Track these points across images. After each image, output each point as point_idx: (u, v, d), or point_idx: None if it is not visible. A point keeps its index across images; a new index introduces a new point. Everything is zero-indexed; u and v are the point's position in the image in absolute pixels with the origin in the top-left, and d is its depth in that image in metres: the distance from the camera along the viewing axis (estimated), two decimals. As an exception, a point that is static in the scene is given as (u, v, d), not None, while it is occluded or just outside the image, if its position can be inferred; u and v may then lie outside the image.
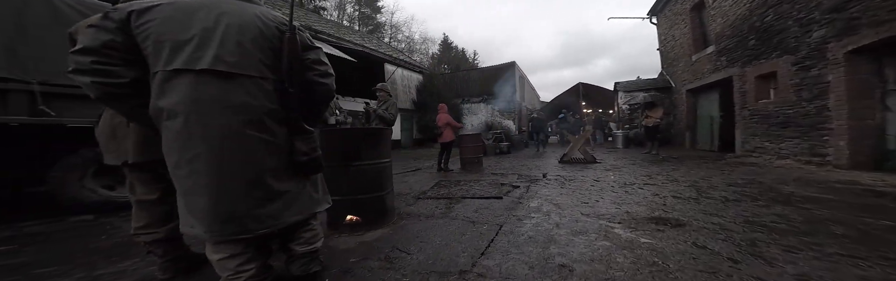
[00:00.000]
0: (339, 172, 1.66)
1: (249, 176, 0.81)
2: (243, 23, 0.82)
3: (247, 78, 0.81)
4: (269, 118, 0.85)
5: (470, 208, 2.23)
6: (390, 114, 2.83)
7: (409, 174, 4.45)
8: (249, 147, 0.81)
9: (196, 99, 0.76)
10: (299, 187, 0.93)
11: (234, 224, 0.80)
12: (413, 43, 26.86)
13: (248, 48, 0.82)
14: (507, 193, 2.76)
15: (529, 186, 3.13)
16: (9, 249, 1.51)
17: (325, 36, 8.07)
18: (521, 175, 3.96)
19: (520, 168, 4.80)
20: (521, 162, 5.79)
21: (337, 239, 1.58)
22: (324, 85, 0.94)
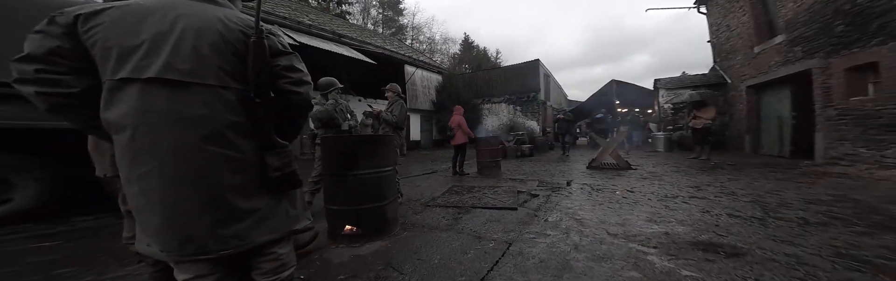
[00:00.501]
0: (337, 181, 1.63)
1: (207, 195, 0.74)
2: (202, 26, 0.74)
3: (204, 87, 0.74)
4: (231, 131, 0.77)
5: (479, 220, 2.08)
6: (395, 116, 2.75)
7: (423, 177, 4.40)
8: (207, 163, 0.74)
9: (144, 111, 0.70)
10: (272, 205, 0.85)
11: (193, 244, 0.74)
12: (434, 43, 27.17)
13: (206, 54, 0.74)
14: (524, 204, 2.55)
15: (550, 195, 2.88)
16: (53, 245, 1.70)
17: (349, 40, 8.39)
18: (543, 182, 3.69)
19: (541, 173, 4.50)
20: (543, 166, 5.45)
21: (333, 250, 1.54)
22: (298, 94, 0.86)
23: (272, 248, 0.89)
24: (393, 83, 2.90)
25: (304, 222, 0.97)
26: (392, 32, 22.58)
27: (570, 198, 2.78)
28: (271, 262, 0.89)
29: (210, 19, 0.76)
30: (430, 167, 5.65)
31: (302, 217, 0.97)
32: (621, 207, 2.38)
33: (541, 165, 5.62)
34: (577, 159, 6.64)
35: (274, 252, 0.89)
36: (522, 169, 5.15)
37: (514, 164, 6.00)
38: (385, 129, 2.72)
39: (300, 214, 0.96)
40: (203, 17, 0.76)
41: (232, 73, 0.77)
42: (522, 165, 5.70)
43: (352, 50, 7.92)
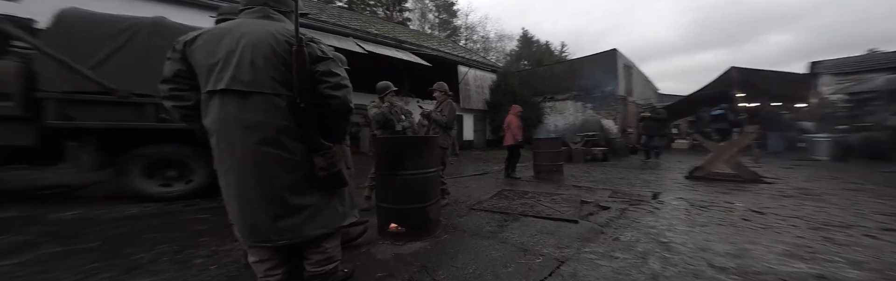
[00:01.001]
0: (385, 180, 1.73)
1: (266, 192, 0.87)
2: (257, 41, 0.87)
3: (261, 95, 0.86)
4: (282, 135, 0.89)
5: (528, 230, 1.87)
6: (444, 116, 2.77)
7: (473, 178, 4.33)
8: (265, 164, 0.87)
9: (222, 118, 0.86)
10: (323, 201, 0.97)
11: (259, 234, 0.89)
12: (488, 41, 26.85)
13: (261, 66, 0.86)
14: (588, 216, 2.18)
15: (626, 209, 2.38)
16: (205, 218, 2.37)
17: (408, 45, 9.12)
18: (618, 192, 3.10)
19: (617, 182, 3.79)
20: (620, 174, 4.60)
21: (380, 245, 1.62)
22: (335, 97, 0.92)
23: (321, 242, 0.99)
24: (440, 82, 2.93)
25: (350, 219, 1.07)
26: (447, 34, 23.40)
27: (654, 214, 2.23)
28: (318, 254, 1.00)
29: (263, 35, 0.88)
30: (482, 168, 5.52)
31: (349, 214, 1.07)
32: (739, 233, 1.76)
33: (617, 172, 4.76)
34: (671, 167, 5.36)
35: (322, 246, 0.99)
36: (592, 175, 4.48)
37: (581, 169, 5.28)
38: (435, 130, 2.77)
39: (348, 211, 1.07)
40: (258, 33, 0.88)
41: (282, 81, 0.89)
42: (592, 171, 4.96)
43: (410, 54, 8.55)
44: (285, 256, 0.98)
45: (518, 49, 30.88)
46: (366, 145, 8.02)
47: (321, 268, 1.01)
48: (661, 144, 6.75)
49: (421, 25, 21.79)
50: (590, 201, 2.66)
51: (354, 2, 18.11)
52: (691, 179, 3.90)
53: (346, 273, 1.17)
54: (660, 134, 6.65)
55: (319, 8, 9.97)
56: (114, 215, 2.23)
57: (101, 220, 2.12)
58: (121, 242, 1.67)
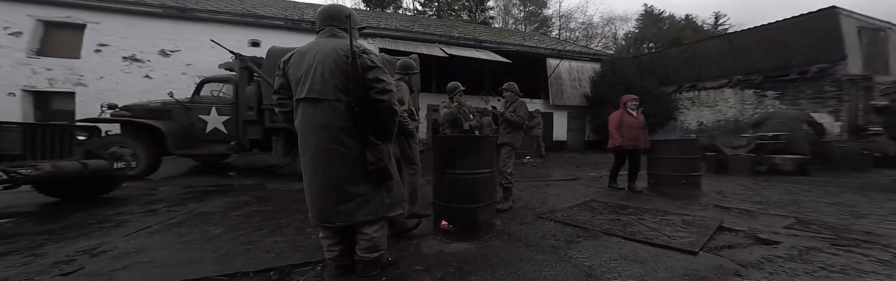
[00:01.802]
0: (438, 177, 1.79)
1: (331, 180, 1.08)
2: (325, 57, 1.07)
3: (327, 102, 1.06)
4: (343, 134, 1.08)
5: (607, 253, 1.45)
6: (518, 116, 2.60)
7: (557, 183, 3.79)
8: (331, 158, 1.07)
9: (304, 121, 1.09)
10: (372, 192, 1.13)
11: (324, 215, 1.11)
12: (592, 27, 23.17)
13: (327, 77, 1.06)
14: (722, 250, 1.46)
15: (813, 249, 1.44)
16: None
17: (488, 43, 9.23)
18: (808, 223, 1.93)
19: (815, 208, 2.38)
20: (832, 197, 2.86)
21: (430, 240, 1.67)
22: (382, 101, 1.08)
23: (367, 229, 1.14)
24: (510, 82, 2.79)
25: (396, 211, 1.22)
26: (535, 27, 21.90)
27: (886, 266, 1.23)
28: (365, 241, 1.15)
29: (329, 50, 1.09)
30: (572, 173, 4.76)
31: (397, 206, 1.22)
32: None
33: (821, 194, 2.98)
34: None
35: (367, 233, 1.14)
36: (761, 194, 3.01)
37: (741, 184, 3.65)
38: (507, 129, 2.66)
39: (396, 203, 1.21)
40: (326, 49, 1.10)
41: (342, 89, 1.08)
42: (764, 189, 3.32)
43: (490, 53, 8.58)
44: (343, 237, 1.18)
45: (637, 30, 25.23)
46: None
47: (368, 254, 1.16)
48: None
49: (504, 22, 21.48)
50: (739, 229, 1.78)
51: (442, 10, 20.00)
52: None
53: (389, 261, 1.29)
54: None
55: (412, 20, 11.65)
56: (286, 189, 3.29)
57: (281, 191, 3.15)
58: (281, 209, 2.38)
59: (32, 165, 1.85)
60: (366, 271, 1.17)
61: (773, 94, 7.25)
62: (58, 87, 6.12)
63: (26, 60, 5.95)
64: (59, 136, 2.16)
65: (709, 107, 8.53)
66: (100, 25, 6.26)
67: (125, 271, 1.23)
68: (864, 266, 1.27)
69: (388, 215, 1.18)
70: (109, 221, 1.95)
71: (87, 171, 2.07)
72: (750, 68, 7.75)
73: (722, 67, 8.44)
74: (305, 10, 8.94)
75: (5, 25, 5.87)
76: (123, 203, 2.45)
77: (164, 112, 4.05)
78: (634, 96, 3.27)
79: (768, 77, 7.29)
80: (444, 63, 10.29)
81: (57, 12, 6.12)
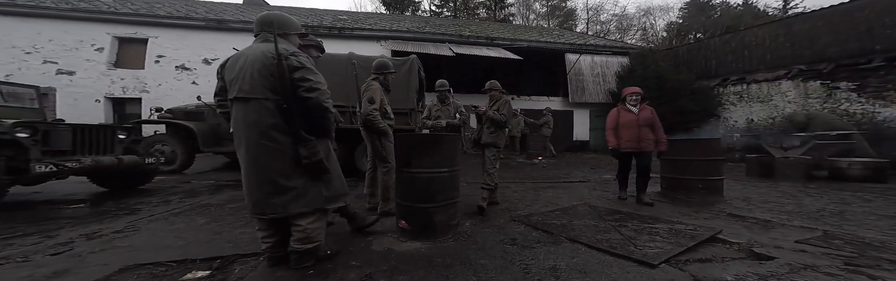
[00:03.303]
0: (398, 176, 1.81)
1: (262, 174, 1.15)
2: (255, 59, 1.16)
3: (256, 100, 1.14)
4: (273, 130, 1.14)
5: (557, 261, 1.35)
6: (501, 115, 2.53)
7: (562, 186, 3.59)
8: (262, 153, 1.15)
9: (236, 118, 1.18)
10: (308, 185, 1.20)
11: (257, 207, 1.17)
12: (626, 19, 21.39)
13: (256, 78, 1.14)
14: (688, 263, 1.27)
15: (811, 267, 1.19)
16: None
17: (501, 40, 9.02)
18: (835, 237, 1.59)
19: (867, 219, 1.96)
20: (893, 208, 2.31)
21: (386, 238, 1.69)
22: (309, 99, 1.15)
23: (301, 221, 1.21)
24: (493, 81, 2.72)
25: (337, 203, 1.28)
26: (560, 21, 20.78)
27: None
28: (299, 233, 1.22)
29: (259, 54, 1.18)
30: (583, 175, 4.48)
31: (337, 199, 1.28)
32: None
33: (886, 205, 2.43)
34: None
35: (301, 225, 1.21)
36: (800, 203, 2.55)
37: (783, 191, 3.13)
38: (490, 129, 2.60)
39: (335, 196, 1.27)
40: (256, 53, 1.19)
41: (271, 88, 1.16)
42: (810, 197, 2.82)
43: (501, 50, 8.37)
44: (278, 229, 1.26)
45: (682, 21, 22.76)
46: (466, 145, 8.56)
47: (301, 245, 1.22)
48: None
49: (525, 18, 20.72)
50: (735, 242, 1.54)
51: (459, 9, 19.92)
52: None
53: (327, 254, 1.34)
54: None
55: (425, 21, 11.81)
56: None
57: None
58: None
59: (77, 159, 2.25)
60: (298, 262, 1.23)
61: (848, 85, 6.06)
62: (129, 94, 7.30)
63: (107, 72, 7.20)
64: (102, 135, 2.59)
65: (761, 102, 7.41)
66: (158, 39, 7.35)
67: (100, 254, 1.42)
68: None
69: (326, 207, 1.23)
70: (126, 210, 2.27)
71: (121, 165, 2.46)
72: (816, 56, 6.58)
73: (778, 57, 7.28)
74: (324, 17, 9.57)
75: (92, 43, 7.17)
76: (151, 194, 2.86)
77: (198, 114, 4.62)
78: (636, 90, 2.78)
79: (841, 65, 6.12)
80: (455, 62, 10.28)
81: (127, 29, 7.32)
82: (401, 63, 4.31)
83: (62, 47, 7.01)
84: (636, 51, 9.84)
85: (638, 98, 2.73)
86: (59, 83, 6.93)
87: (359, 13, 12.43)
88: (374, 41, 8.35)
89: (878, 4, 5.79)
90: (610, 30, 21.26)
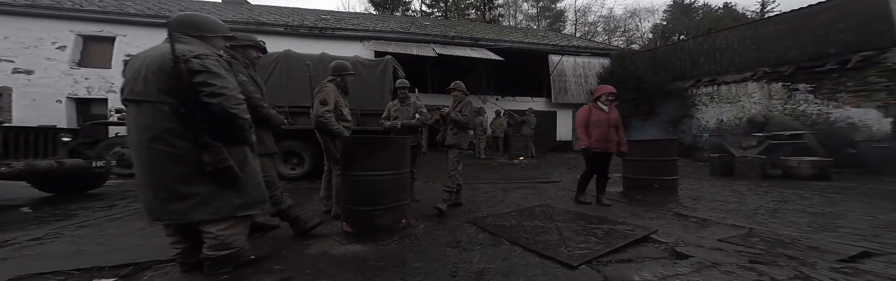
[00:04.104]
0: (342, 178, 1.79)
1: (155, 179, 1.12)
2: (151, 61, 1.12)
3: (149, 103, 1.10)
4: (168, 135, 1.10)
5: (491, 263, 1.38)
6: (464, 116, 2.55)
7: (533, 186, 3.66)
8: (154, 157, 1.11)
9: (129, 120, 1.15)
10: (214, 192, 1.16)
11: (151, 213, 1.14)
12: (613, 20, 21.88)
13: (150, 80, 1.10)
14: (609, 264, 1.33)
15: (714, 265, 1.26)
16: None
17: (485, 41, 9.07)
18: (757, 236, 1.68)
19: (794, 217, 2.07)
20: (830, 205, 2.46)
21: (327, 241, 1.67)
22: (211, 104, 1.11)
23: (211, 227, 1.18)
24: (457, 81, 2.74)
25: (251, 211, 1.24)
26: (549, 22, 21.09)
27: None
28: (211, 239, 1.19)
29: (156, 55, 1.14)
30: (558, 175, 4.57)
31: (252, 207, 1.25)
32: None
33: (819, 202, 2.59)
34: None
35: (211, 232, 1.18)
36: (743, 200, 2.67)
37: (735, 189, 3.27)
38: (453, 131, 2.62)
39: (249, 203, 1.24)
40: (154, 54, 1.15)
41: (167, 91, 1.12)
42: (756, 195, 2.96)
43: (486, 51, 8.43)
44: (187, 235, 1.23)
45: (665, 22, 23.44)
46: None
47: (214, 252, 1.18)
48: None
49: (513, 19, 20.91)
50: (664, 241, 1.62)
51: (449, 10, 19.91)
52: None
53: (250, 259, 1.32)
54: None
55: (411, 21, 11.74)
56: None
57: None
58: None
59: (7, 163, 2.14)
60: (212, 269, 1.21)
61: (805, 87, 6.40)
62: (94, 94, 6.97)
63: (70, 71, 6.85)
64: (42, 137, 2.48)
65: (730, 103, 7.73)
66: (127, 37, 7.04)
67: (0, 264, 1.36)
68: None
69: (238, 215, 1.21)
70: (61, 216, 2.18)
71: (62, 169, 2.36)
72: (779, 59, 6.90)
73: (745, 59, 7.61)
74: (306, 16, 9.37)
75: (53, 41, 6.80)
76: (99, 198, 2.76)
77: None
78: (612, 89, 2.71)
79: (800, 68, 6.45)
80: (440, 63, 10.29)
81: (93, 27, 6.98)
82: (375, 64, 4.29)
83: (19, 45, 6.63)
84: (616, 52, 10.09)
85: (613, 98, 2.69)
86: (15, 83, 6.56)
87: (343, 13, 12.22)
88: (357, 41, 8.25)
89: (834, 10, 6.12)
90: (597, 31, 21.69)
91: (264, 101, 1.65)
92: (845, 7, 5.95)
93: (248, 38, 1.67)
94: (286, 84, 3.96)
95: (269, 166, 1.65)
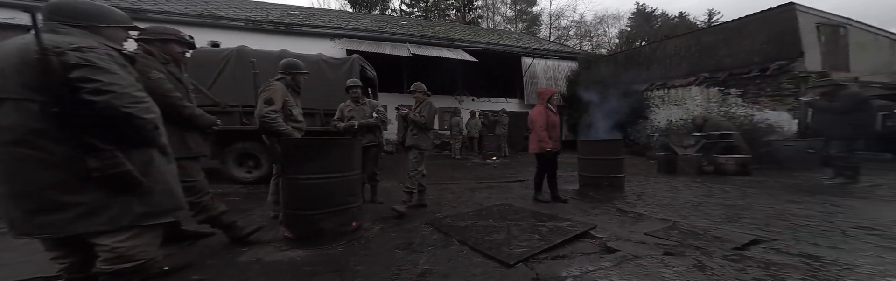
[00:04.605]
0: (282, 182, 1.72)
1: (18, 188, 0.96)
2: (12, 53, 0.97)
3: (11, 100, 0.95)
4: (36, 137, 0.95)
5: (431, 266, 1.42)
6: (422, 117, 2.57)
7: (501, 185, 3.76)
8: (18, 163, 0.95)
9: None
10: (105, 200, 1.02)
11: (15, 227, 0.98)
12: (584, 25, 23.11)
13: (9, 74, 0.95)
14: (544, 261, 1.44)
15: (635, 257, 1.42)
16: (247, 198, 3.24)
17: (461, 42, 9.15)
18: (678, 229, 1.90)
19: (712, 209, 2.36)
20: (743, 198, 2.82)
21: (264, 248, 1.59)
22: (95, 102, 0.96)
23: (105, 239, 1.04)
24: (417, 83, 2.75)
25: (159, 219, 1.12)
26: (526, 25, 21.80)
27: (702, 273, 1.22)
28: (106, 253, 1.05)
29: (15, 47, 0.98)
30: (526, 175, 4.74)
31: (159, 215, 1.12)
32: None
33: (736, 196, 2.96)
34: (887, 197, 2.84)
35: (106, 244, 1.04)
36: (679, 197, 2.97)
37: (676, 185, 3.62)
38: (413, 132, 2.62)
39: (155, 211, 1.12)
40: (14, 45, 0.99)
41: (34, 87, 0.96)
42: (690, 190, 3.31)
43: (461, 52, 8.51)
44: (74, 248, 1.08)
45: (629, 29, 25.23)
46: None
47: (111, 266, 1.06)
48: (843, 153, 3.46)
49: (491, 21, 21.33)
50: (599, 237, 1.77)
51: (429, 10, 19.80)
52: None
53: (163, 270, 1.23)
54: (844, 135, 3.43)
55: (387, 20, 11.51)
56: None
57: None
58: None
59: None
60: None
61: (736, 91, 7.23)
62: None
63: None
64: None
65: (677, 105, 8.51)
66: (46, 27, 6.19)
67: None
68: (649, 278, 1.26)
69: (141, 224, 1.09)
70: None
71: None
72: (716, 66, 7.72)
73: (690, 65, 8.41)
74: (271, 11, 8.81)
75: (-42, 28, 5.78)
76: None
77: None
78: (558, 90, 3.02)
79: (732, 75, 7.27)
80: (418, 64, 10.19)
81: (4, 14, 6.03)
82: (340, 63, 4.16)
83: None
84: (582, 56, 10.66)
85: (559, 98, 2.88)
86: None
87: (314, 9, 11.62)
88: (328, 39, 7.91)
89: (758, 22, 6.97)
90: (570, 35, 22.72)
91: (188, 101, 1.53)
92: (765, 21, 6.79)
93: (165, 31, 1.52)
94: (240, 82, 3.71)
95: (194, 170, 1.55)
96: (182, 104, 1.47)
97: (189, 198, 1.42)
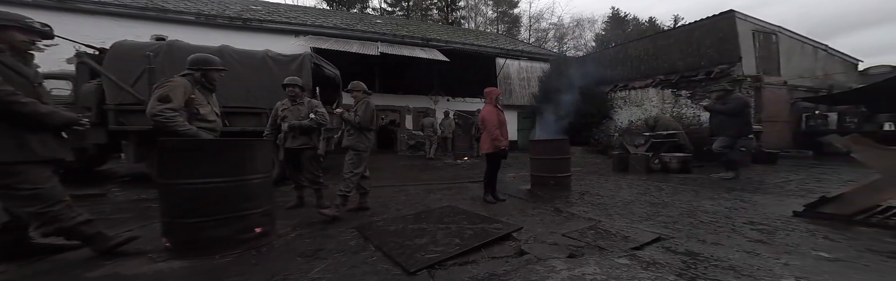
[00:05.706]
0: (159, 188, 1.58)
1: None
2: None
3: None
4: None
5: (335, 272, 1.36)
6: (357, 116, 2.46)
7: (461, 185, 3.73)
8: None
9: None
10: None
11: None
12: (563, 28, 23.71)
13: None
14: (450, 267, 1.42)
15: (539, 260, 1.44)
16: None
17: (436, 42, 9.03)
18: (597, 229, 1.95)
19: (636, 208, 2.45)
20: (670, 195, 2.97)
21: (133, 260, 1.45)
22: None
23: None
24: (355, 82, 2.64)
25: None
26: (507, 27, 22.03)
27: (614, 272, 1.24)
28: None
29: None
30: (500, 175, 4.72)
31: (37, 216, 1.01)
32: None
33: (667, 193, 3.12)
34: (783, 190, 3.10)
35: None
36: (618, 196, 3.07)
37: (622, 184, 3.74)
38: (350, 131, 2.52)
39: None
40: None
41: None
42: (631, 188, 3.43)
43: (436, 51, 8.41)
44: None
45: (604, 32, 26.16)
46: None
47: None
48: (729, 150, 3.81)
49: (474, 22, 21.37)
50: (520, 239, 1.78)
51: (412, 9, 19.47)
52: (808, 217, 2.09)
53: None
54: (730, 134, 3.79)
55: (359, 18, 11.15)
56: (124, 199, 3.04)
57: (116, 201, 2.93)
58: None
59: None
60: None
61: (686, 93, 7.67)
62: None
63: None
64: None
65: (637, 106, 8.90)
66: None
67: None
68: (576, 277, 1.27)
69: None
70: None
71: None
72: (670, 68, 8.14)
73: (648, 67, 8.81)
74: (230, 6, 8.24)
75: None
76: None
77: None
78: (498, 91, 2.96)
79: (683, 77, 7.69)
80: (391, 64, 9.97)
81: None
82: (289, 60, 3.90)
83: None
84: (553, 58, 10.89)
85: (500, 95, 2.97)
86: None
87: (280, 5, 10.99)
88: (291, 36, 7.52)
89: (704, 28, 7.40)
90: (548, 37, 23.20)
91: (29, 96, 1.32)
92: (710, 26, 7.21)
93: (3, 16, 1.33)
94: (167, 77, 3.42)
95: (39, 177, 1.35)
96: (18, 100, 1.26)
97: (30, 208, 1.27)
